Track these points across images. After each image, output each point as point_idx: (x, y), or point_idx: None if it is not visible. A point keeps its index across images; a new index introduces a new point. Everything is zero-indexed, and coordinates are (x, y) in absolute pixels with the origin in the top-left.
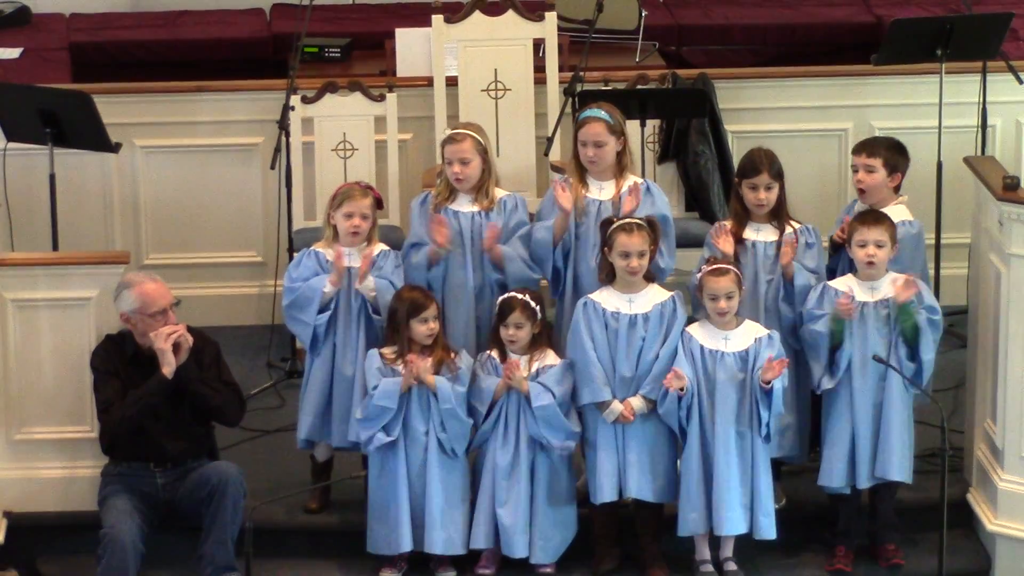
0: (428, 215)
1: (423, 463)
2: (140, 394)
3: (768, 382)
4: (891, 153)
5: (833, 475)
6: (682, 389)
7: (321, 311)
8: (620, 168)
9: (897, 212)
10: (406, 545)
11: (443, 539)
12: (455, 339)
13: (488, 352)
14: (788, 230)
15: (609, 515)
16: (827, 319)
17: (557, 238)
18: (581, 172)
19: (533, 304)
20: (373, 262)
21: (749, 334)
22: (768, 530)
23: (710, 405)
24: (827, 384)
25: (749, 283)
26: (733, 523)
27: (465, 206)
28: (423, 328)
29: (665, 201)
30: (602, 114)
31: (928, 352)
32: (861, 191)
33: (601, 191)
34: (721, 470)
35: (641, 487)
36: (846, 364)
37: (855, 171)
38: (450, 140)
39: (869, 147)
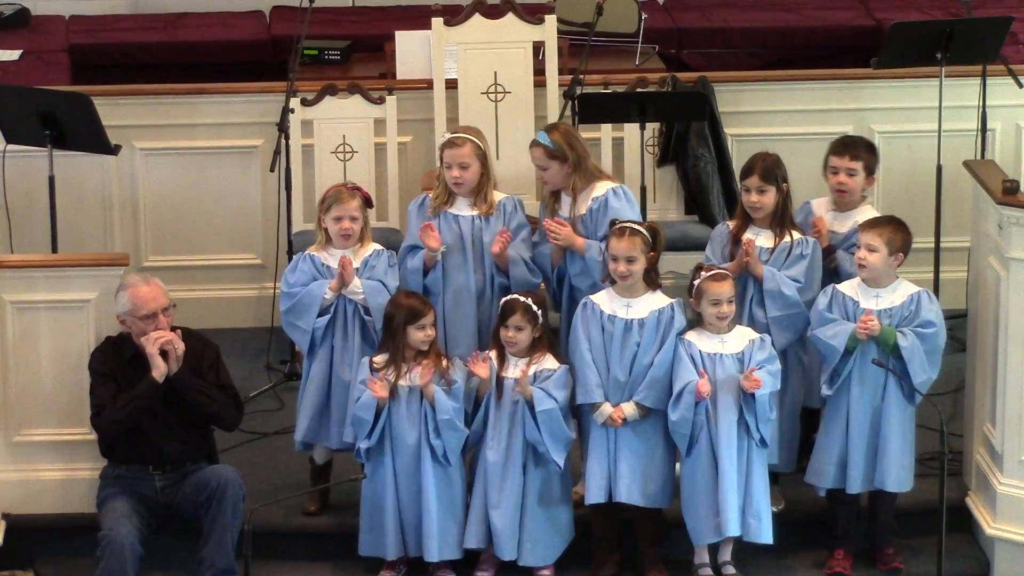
0: (426, 218)
1: (415, 470)
2: (129, 397)
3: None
4: (870, 156)
5: (824, 476)
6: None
7: (320, 315)
8: (585, 181)
9: (868, 213)
10: (392, 553)
11: (439, 546)
12: (458, 343)
13: (487, 353)
14: (786, 239)
15: (609, 518)
16: (845, 335)
17: (555, 263)
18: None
19: (535, 308)
20: (365, 262)
21: (744, 337)
22: (756, 533)
23: (713, 408)
24: (826, 391)
25: (740, 286)
26: (733, 524)
27: (464, 210)
28: (420, 335)
29: (626, 206)
30: (543, 139)
31: (920, 375)
32: (841, 192)
33: (575, 205)
34: (725, 471)
35: (631, 492)
36: (846, 373)
37: (835, 172)
38: (449, 144)
39: (852, 149)
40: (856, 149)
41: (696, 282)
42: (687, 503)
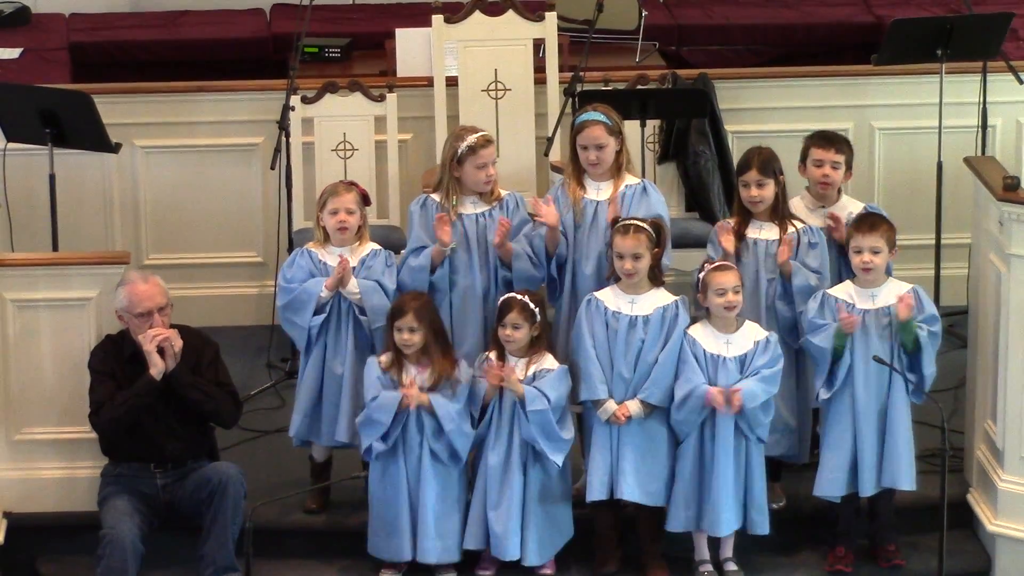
0: (432, 218)
1: (419, 472)
2: (127, 395)
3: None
4: (849, 151)
5: (835, 484)
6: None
7: (316, 313)
8: (618, 168)
9: (853, 204)
10: (407, 554)
11: (438, 548)
12: (466, 343)
13: (486, 353)
14: (790, 229)
15: (611, 515)
16: (830, 334)
17: (550, 251)
18: (579, 174)
19: (532, 305)
20: (363, 262)
21: (749, 337)
22: (760, 526)
23: (711, 411)
24: (824, 395)
25: (750, 281)
26: (727, 523)
27: (468, 208)
28: (398, 337)
29: (661, 201)
30: (600, 116)
31: (929, 367)
32: (825, 185)
33: (599, 192)
34: (721, 474)
35: (633, 490)
36: (844, 375)
37: (819, 165)
38: (486, 143)
39: (836, 143)
40: (840, 143)
41: (700, 275)
42: (672, 490)
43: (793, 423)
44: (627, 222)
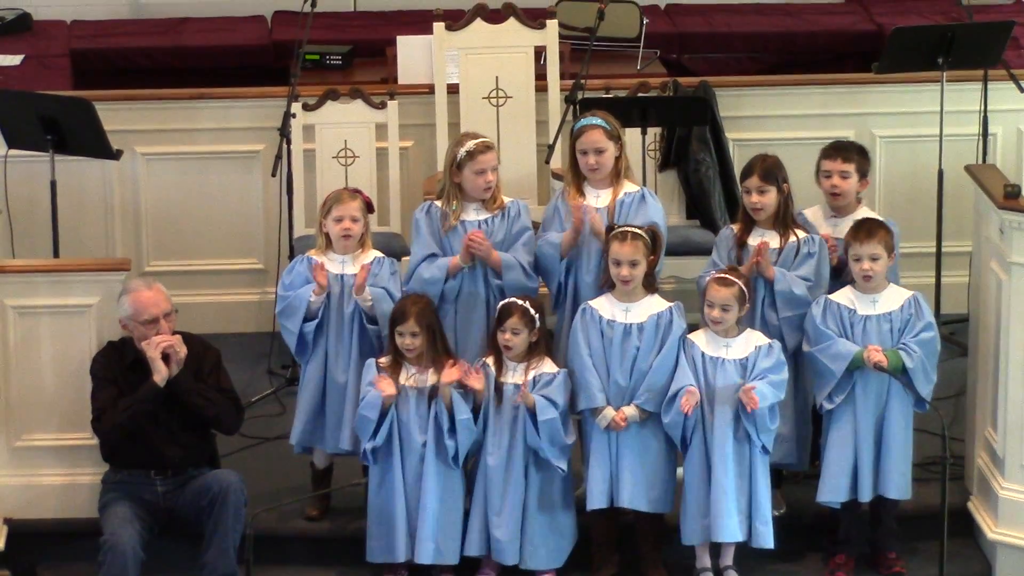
0: (437, 225)
1: (419, 473)
2: (130, 402)
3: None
4: (862, 159)
5: (837, 490)
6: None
7: (310, 319)
8: (617, 174)
9: (868, 215)
10: (401, 555)
11: (433, 550)
12: (469, 350)
13: (483, 359)
14: (791, 238)
15: (608, 522)
16: (846, 361)
17: (565, 253)
18: (578, 181)
19: (532, 311)
20: (366, 269)
21: (750, 342)
22: (764, 538)
23: (710, 412)
24: (827, 406)
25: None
26: (730, 530)
27: (470, 215)
28: (399, 341)
29: (659, 209)
30: (600, 121)
31: (924, 387)
32: (836, 195)
33: (598, 199)
34: (719, 477)
35: (633, 497)
36: (850, 387)
37: (827, 176)
38: (485, 149)
39: (844, 152)
40: (847, 152)
41: (707, 278)
42: (682, 502)
43: (786, 430)
44: (624, 229)
